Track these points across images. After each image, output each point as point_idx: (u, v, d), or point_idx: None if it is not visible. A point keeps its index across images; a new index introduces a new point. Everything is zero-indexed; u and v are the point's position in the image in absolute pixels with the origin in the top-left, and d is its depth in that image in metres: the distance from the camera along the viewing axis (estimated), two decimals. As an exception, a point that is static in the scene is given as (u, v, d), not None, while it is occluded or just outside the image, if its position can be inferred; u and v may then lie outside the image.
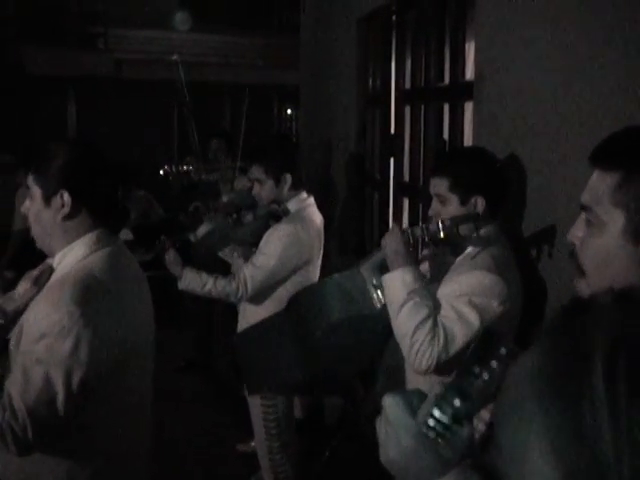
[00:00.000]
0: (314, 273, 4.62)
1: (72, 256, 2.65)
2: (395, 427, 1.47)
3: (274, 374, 3.97)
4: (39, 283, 2.69)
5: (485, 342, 1.49)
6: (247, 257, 4.59)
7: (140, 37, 14.32)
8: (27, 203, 2.71)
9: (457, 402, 1.42)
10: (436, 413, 1.42)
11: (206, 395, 6.93)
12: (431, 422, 1.42)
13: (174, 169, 6.80)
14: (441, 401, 1.42)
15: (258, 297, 4.54)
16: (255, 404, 4.69)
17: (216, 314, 7.33)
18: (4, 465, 2.67)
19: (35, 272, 2.75)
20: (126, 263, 2.83)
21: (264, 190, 4.60)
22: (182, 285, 4.43)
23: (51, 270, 2.71)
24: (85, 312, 2.43)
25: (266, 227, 4.54)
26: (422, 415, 1.44)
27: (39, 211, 2.66)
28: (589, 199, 1.62)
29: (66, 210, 2.61)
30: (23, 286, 2.77)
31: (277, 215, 4.57)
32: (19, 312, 2.72)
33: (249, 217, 4.85)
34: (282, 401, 4.68)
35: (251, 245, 4.63)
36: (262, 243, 4.47)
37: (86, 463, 2.63)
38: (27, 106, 13.32)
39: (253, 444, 5.21)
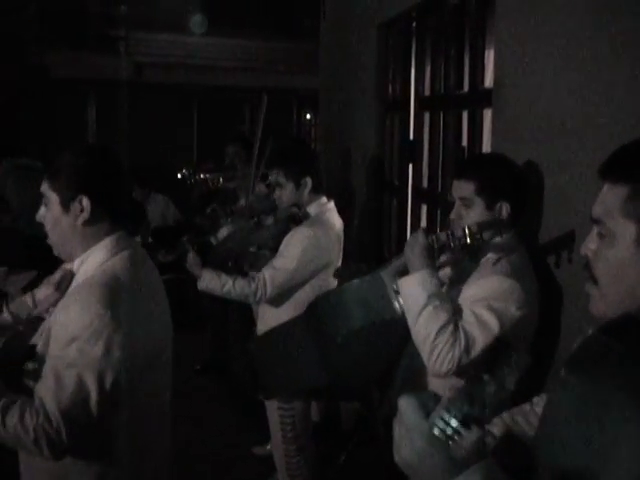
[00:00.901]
0: (332, 276, 4.62)
1: (92, 260, 2.66)
2: (409, 428, 1.50)
3: (292, 378, 3.98)
4: (61, 288, 2.73)
5: (496, 350, 1.53)
6: (267, 261, 4.62)
7: (161, 41, 14.37)
8: (42, 211, 2.72)
9: (465, 407, 1.45)
10: (445, 416, 1.45)
11: (222, 398, 6.95)
12: (441, 424, 1.45)
13: (192, 173, 6.83)
14: (451, 405, 1.45)
15: (277, 300, 4.56)
16: (272, 407, 4.71)
17: (233, 317, 7.35)
18: (31, 469, 2.71)
19: (56, 277, 2.78)
20: (144, 265, 2.85)
21: (284, 194, 4.62)
22: (201, 285, 4.45)
23: (72, 275, 2.73)
24: (114, 314, 2.46)
25: (286, 230, 4.56)
26: (434, 417, 1.47)
27: (57, 218, 2.67)
28: (600, 212, 1.64)
29: (86, 215, 2.63)
30: (43, 292, 2.80)
31: (297, 218, 4.59)
32: (39, 318, 2.75)
33: (269, 220, 4.88)
34: (299, 404, 4.70)
35: (272, 249, 4.65)
36: (282, 246, 4.50)
37: (114, 463, 2.66)
38: (48, 108, 13.39)
39: (269, 447, 5.23)
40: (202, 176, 6.23)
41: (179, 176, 6.69)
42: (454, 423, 1.44)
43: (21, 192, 8.43)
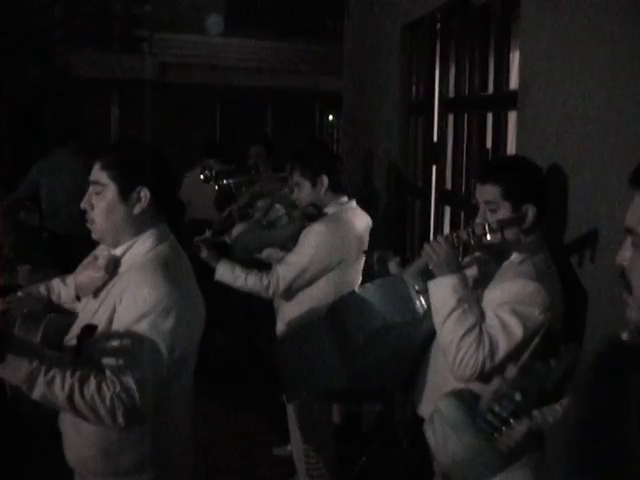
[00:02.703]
0: (352, 275, 4.62)
1: (141, 247, 2.80)
2: (454, 426, 1.50)
3: (313, 380, 3.98)
4: (108, 270, 2.82)
5: (546, 341, 1.52)
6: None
7: (184, 41, 14.39)
8: (91, 199, 2.81)
9: (518, 396, 1.44)
10: (496, 408, 1.44)
11: (243, 398, 6.95)
12: (489, 417, 1.44)
13: (214, 175, 6.83)
14: (502, 396, 1.45)
15: (293, 296, 4.58)
16: (292, 408, 4.71)
17: (255, 317, 7.36)
18: (77, 447, 2.85)
19: (102, 262, 2.86)
20: (184, 255, 2.97)
21: (302, 192, 4.64)
22: (216, 277, 4.52)
23: (117, 259, 2.83)
24: (182, 293, 2.65)
25: (302, 229, 4.58)
26: (480, 411, 1.46)
27: (112, 205, 2.77)
28: (633, 222, 1.64)
29: (143, 205, 2.77)
30: (89, 275, 2.88)
31: (311, 216, 4.60)
32: (82, 300, 2.92)
33: (284, 220, 4.90)
34: (320, 406, 4.70)
35: (290, 248, 4.66)
36: (298, 242, 4.51)
37: (166, 437, 2.83)
38: (72, 108, 13.46)
39: (290, 448, 5.23)
40: (225, 181, 6.23)
41: (202, 177, 6.70)
42: (505, 414, 1.44)
43: (51, 192, 8.49)
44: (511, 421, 1.45)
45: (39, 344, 2.72)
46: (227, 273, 4.47)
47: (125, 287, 2.69)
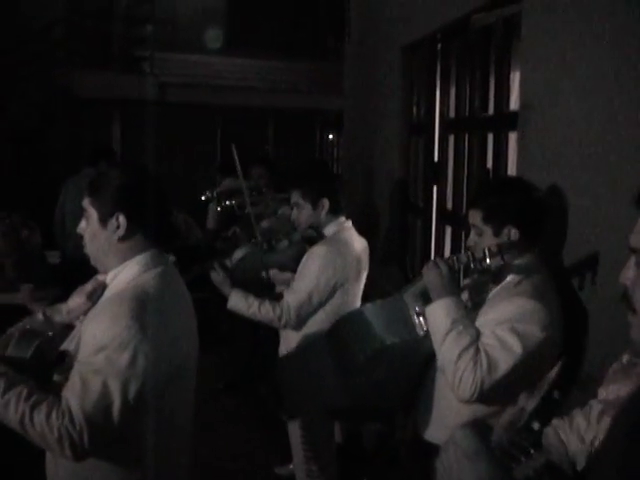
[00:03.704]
0: (352, 296, 4.61)
1: (125, 274, 2.77)
2: (469, 455, 1.51)
3: (315, 398, 3.99)
4: (93, 298, 2.84)
5: (563, 369, 1.54)
6: (288, 282, 4.66)
7: (185, 61, 14.44)
8: (83, 224, 2.83)
9: (536, 426, 1.46)
10: (516, 438, 1.46)
11: (245, 417, 6.95)
12: (509, 447, 1.46)
13: (215, 195, 6.84)
14: (521, 427, 1.46)
15: (303, 324, 4.56)
16: (294, 427, 4.71)
17: (257, 337, 7.36)
18: (55, 468, 2.79)
19: (88, 287, 2.89)
20: (175, 283, 2.93)
21: (302, 214, 4.66)
22: (230, 305, 4.49)
23: (104, 286, 2.84)
24: (142, 327, 2.55)
25: (303, 252, 4.59)
26: (497, 442, 1.48)
27: (95, 232, 2.79)
28: (637, 242, 1.66)
29: (121, 232, 2.75)
30: (75, 300, 2.91)
31: (312, 239, 4.61)
32: (69, 325, 2.84)
33: (284, 243, 4.91)
34: (322, 425, 4.70)
35: (293, 271, 4.67)
36: (299, 268, 4.52)
37: (136, 472, 2.74)
38: (74, 128, 13.49)
39: (292, 467, 5.23)
40: (228, 202, 6.26)
41: (202, 198, 6.72)
42: (525, 445, 1.45)
43: (74, 212, 8.49)
44: (531, 451, 1.46)
45: (9, 363, 2.70)
46: (241, 302, 4.45)
47: (92, 317, 2.68)
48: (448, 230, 6.14)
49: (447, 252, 6.02)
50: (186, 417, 2.97)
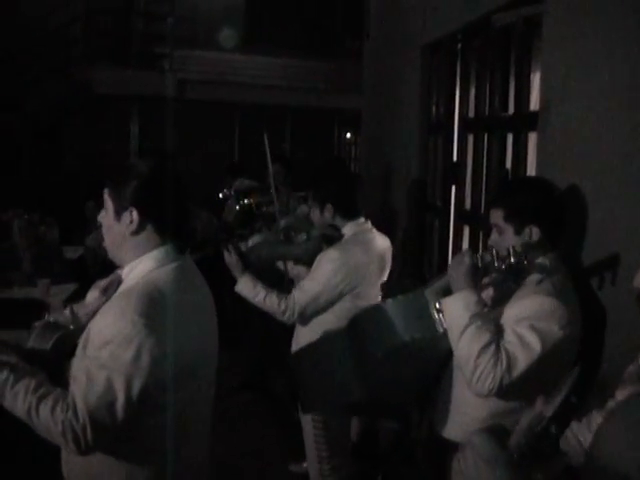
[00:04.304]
0: (366, 299, 4.58)
1: (140, 269, 2.76)
2: (488, 459, 1.51)
3: (331, 392, 3.98)
4: (107, 293, 2.84)
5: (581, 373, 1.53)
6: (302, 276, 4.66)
7: (204, 58, 14.46)
8: (102, 213, 2.84)
9: (554, 429, 1.45)
10: (534, 442, 1.45)
11: (259, 415, 6.96)
12: (527, 451, 1.45)
13: (233, 193, 6.85)
14: (539, 431, 1.45)
15: (308, 321, 4.57)
16: (308, 425, 4.71)
17: (271, 334, 7.36)
18: (69, 464, 2.81)
19: (104, 282, 2.90)
20: (192, 279, 2.93)
21: (314, 216, 4.70)
22: (237, 288, 4.53)
23: (119, 281, 2.84)
24: (148, 323, 2.55)
25: (320, 249, 4.59)
26: (515, 445, 1.47)
27: (110, 224, 2.80)
28: None
29: (134, 226, 2.75)
30: (92, 295, 2.93)
31: (330, 239, 4.61)
32: (87, 319, 2.85)
33: (302, 236, 4.91)
34: (336, 423, 4.70)
35: (307, 265, 4.67)
36: (313, 267, 4.53)
37: (145, 466, 2.74)
38: (92, 124, 13.54)
39: (306, 465, 5.23)
40: (246, 201, 6.26)
41: (220, 196, 6.72)
42: (544, 448, 1.45)
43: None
44: (549, 455, 1.46)
45: (21, 354, 2.73)
46: (248, 287, 4.48)
47: (102, 312, 2.68)
48: (466, 230, 6.12)
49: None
50: (200, 415, 2.96)
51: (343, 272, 4.43)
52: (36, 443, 2.71)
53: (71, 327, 2.93)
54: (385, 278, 4.72)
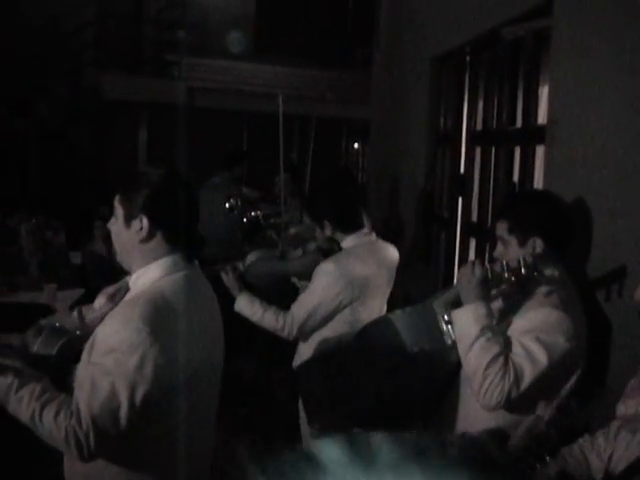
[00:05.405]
0: (367, 312, 4.52)
1: (147, 277, 2.77)
2: (486, 462, 1.51)
3: (338, 403, 3.98)
4: (114, 300, 2.84)
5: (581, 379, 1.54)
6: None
7: (213, 66, 14.48)
8: (112, 219, 2.85)
9: (554, 435, 1.46)
10: (533, 446, 1.46)
11: (263, 423, 6.95)
12: (525, 454, 1.46)
13: (239, 203, 6.84)
14: (538, 435, 1.46)
15: (308, 337, 4.55)
16: (311, 434, 4.69)
17: (277, 345, 7.36)
18: (71, 469, 2.81)
19: (111, 289, 2.91)
20: (200, 288, 2.93)
21: (316, 232, 4.68)
22: (236, 308, 4.51)
23: (127, 288, 2.85)
24: (152, 331, 2.54)
25: (317, 262, 4.56)
26: (512, 449, 1.48)
27: (120, 231, 2.81)
28: None
29: (143, 234, 2.74)
30: (99, 301, 2.92)
31: (326, 251, 4.59)
32: (94, 325, 2.85)
33: (298, 252, 4.89)
34: (340, 433, 4.68)
35: (308, 278, 4.66)
36: (311, 281, 4.51)
37: (148, 473, 2.75)
38: (101, 130, 13.57)
39: (308, 475, 5.20)
40: (253, 213, 6.27)
41: (227, 206, 6.71)
42: (541, 452, 1.46)
43: (207, 216, 8.47)
44: (547, 459, 1.47)
45: (30, 359, 2.74)
46: (246, 306, 4.46)
47: (107, 318, 2.68)
48: (472, 242, 6.12)
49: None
50: (204, 422, 2.96)
51: (341, 284, 4.37)
52: (38, 448, 2.71)
53: (77, 332, 2.94)
54: (390, 289, 4.70)
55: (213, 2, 15.04)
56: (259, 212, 6.23)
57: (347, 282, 4.36)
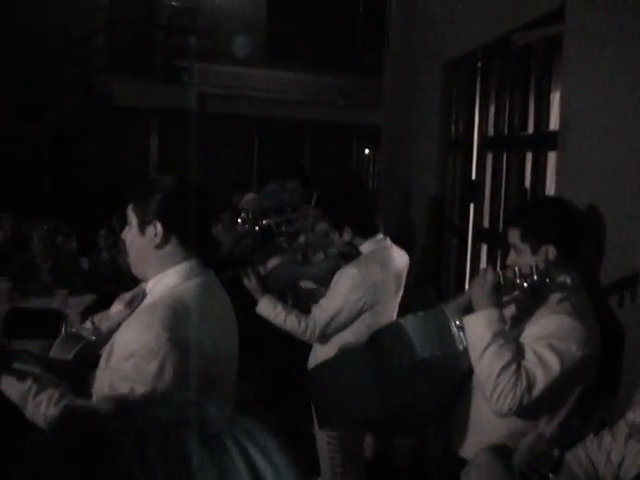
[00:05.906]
0: (385, 316, 4.58)
1: (164, 283, 2.77)
2: (491, 478, 1.51)
3: (348, 407, 3.99)
4: (132, 306, 2.83)
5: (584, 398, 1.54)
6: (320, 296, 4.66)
7: (224, 72, 14.50)
8: (126, 229, 2.85)
9: (556, 452, 1.46)
10: (535, 464, 1.45)
11: (274, 429, 6.94)
12: (528, 472, 1.45)
13: (250, 216, 6.83)
14: (541, 452, 1.46)
15: (328, 339, 4.55)
16: (323, 440, 4.69)
17: (288, 347, 7.35)
18: None
19: (129, 295, 2.90)
20: (216, 294, 2.93)
21: (334, 237, 4.68)
22: (258, 310, 4.52)
23: (144, 295, 2.84)
24: (172, 337, 2.54)
25: (338, 267, 4.58)
26: (517, 465, 1.48)
27: (135, 238, 2.81)
28: None
29: (157, 240, 2.74)
30: (116, 307, 2.93)
31: (347, 256, 4.60)
32: (111, 331, 2.85)
33: (320, 256, 4.90)
34: (351, 439, 4.68)
35: (326, 284, 4.66)
36: (331, 285, 4.52)
37: None
38: (112, 136, 13.59)
39: (320, 480, 5.22)
40: (264, 222, 6.26)
41: (239, 221, 6.70)
42: (544, 470, 1.45)
43: None
44: (550, 476, 1.46)
45: (48, 365, 2.74)
46: (269, 309, 4.47)
47: (126, 324, 2.70)
48: (484, 249, 6.11)
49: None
50: None
51: (362, 288, 4.41)
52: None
53: (93, 338, 2.94)
54: (400, 295, 4.71)
55: (224, 8, 15.06)
56: (270, 221, 6.22)
57: (369, 286, 4.39)
